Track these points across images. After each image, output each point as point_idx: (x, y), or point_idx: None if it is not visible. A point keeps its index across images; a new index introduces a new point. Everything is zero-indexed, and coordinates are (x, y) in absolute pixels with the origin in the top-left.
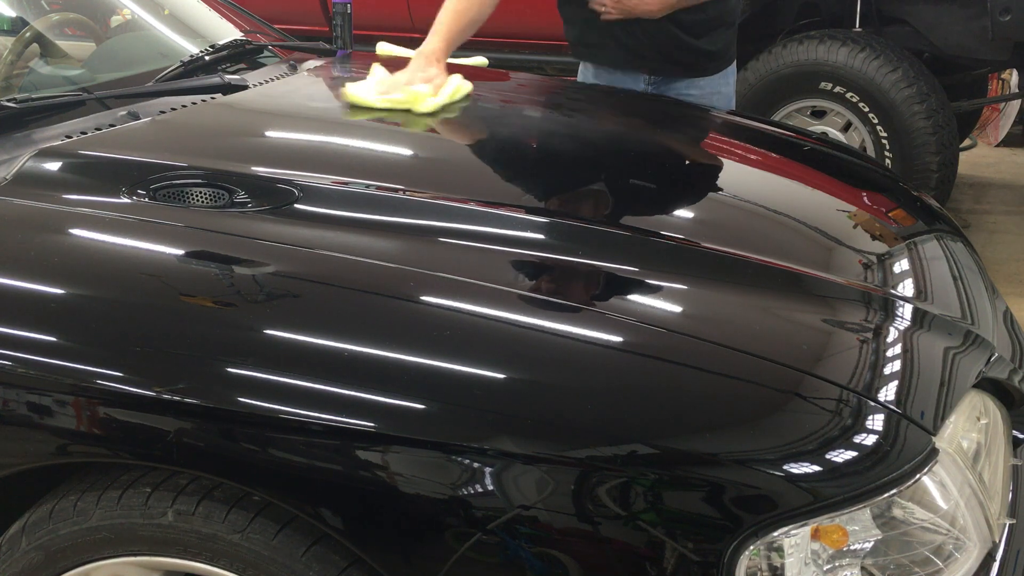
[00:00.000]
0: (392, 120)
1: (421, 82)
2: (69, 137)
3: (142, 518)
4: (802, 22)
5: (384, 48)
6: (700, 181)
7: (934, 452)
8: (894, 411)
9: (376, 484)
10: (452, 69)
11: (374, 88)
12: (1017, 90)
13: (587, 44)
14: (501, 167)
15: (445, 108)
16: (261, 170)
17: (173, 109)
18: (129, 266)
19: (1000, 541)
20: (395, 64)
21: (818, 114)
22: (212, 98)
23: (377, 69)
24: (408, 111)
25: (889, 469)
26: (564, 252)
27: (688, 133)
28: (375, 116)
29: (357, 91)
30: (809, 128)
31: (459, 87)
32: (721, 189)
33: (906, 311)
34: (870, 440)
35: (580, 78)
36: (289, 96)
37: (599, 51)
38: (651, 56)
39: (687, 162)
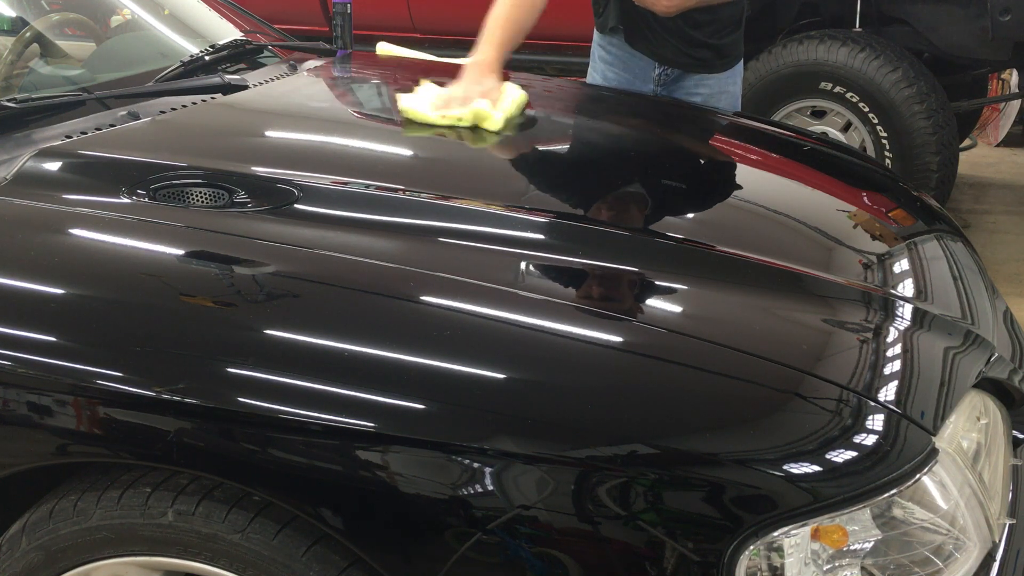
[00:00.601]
0: (391, 120)
1: (479, 96)
2: (69, 137)
3: (142, 518)
4: (802, 22)
5: (384, 48)
6: (700, 181)
7: (934, 452)
8: (894, 411)
9: (376, 484)
10: (453, 71)
11: (429, 103)
12: (1017, 90)
13: (611, 18)
14: (501, 167)
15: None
16: (261, 170)
17: (173, 109)
18: (129, 266)
19: (1000, 541)
20: (440, 72)
21: (818, 114)
22: (212, 98)
23: (428, 83)
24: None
25: (889, 469)
26: (564, 252)
27: (688, 134)
28: (375, 116)
29: (412, 105)
30: (809, 128)
31: (516, 100)
32: (721, 189)
33: (906, 311)
34: (870, 440)
35: (590, 71)
36: (289, 96)
37: (623, 29)
38: (663, 47)
39: (687, 163)
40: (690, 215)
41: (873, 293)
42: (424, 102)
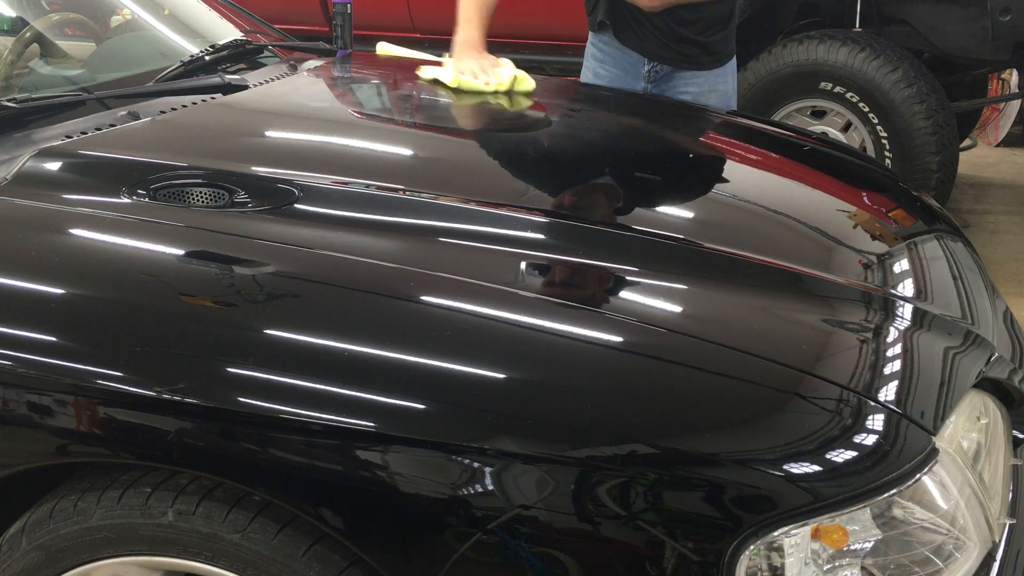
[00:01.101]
0: (391, 120)
1: (494, 66)
2: (69, 137)
3: (142, 518)
4: (802, 22)
5: (384, 48)
6: (700, 181)
7: (934, 452)
8: (894, 411)
9: (376, 484)
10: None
11: (456, 75)
12: (1017, 90)
13: (601, 14)
14: (501, 166)
15: (447, 107)
16: (261, 170)
17: (173, 109)
18: (129, 266)
19: (1000, 541)
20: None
21: (818, 114)
22: (212, 98)
23: (448, 59)
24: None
25: (889, 469)
26: (564, 252)
27: (688, 133)
28: (375, 116)
29: (446, 76)
30: (809, 128)
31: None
32: (721, 189)
33: (906, 311)
34: (870, 440)
35: (584, 70)
36: (289, 96)
37: (612, 24)
38: (651, 42)
39: (687, 162)
40: (690, 215)
41: (873, 293)
42: (450, 75)
